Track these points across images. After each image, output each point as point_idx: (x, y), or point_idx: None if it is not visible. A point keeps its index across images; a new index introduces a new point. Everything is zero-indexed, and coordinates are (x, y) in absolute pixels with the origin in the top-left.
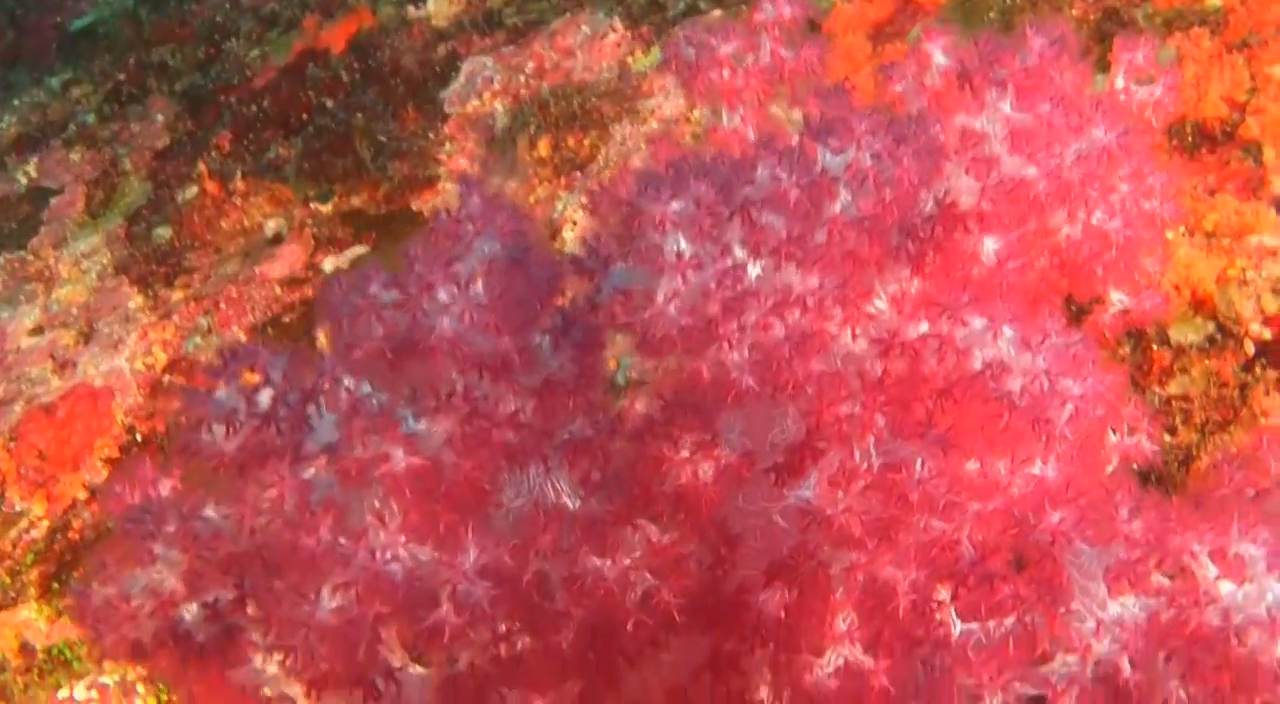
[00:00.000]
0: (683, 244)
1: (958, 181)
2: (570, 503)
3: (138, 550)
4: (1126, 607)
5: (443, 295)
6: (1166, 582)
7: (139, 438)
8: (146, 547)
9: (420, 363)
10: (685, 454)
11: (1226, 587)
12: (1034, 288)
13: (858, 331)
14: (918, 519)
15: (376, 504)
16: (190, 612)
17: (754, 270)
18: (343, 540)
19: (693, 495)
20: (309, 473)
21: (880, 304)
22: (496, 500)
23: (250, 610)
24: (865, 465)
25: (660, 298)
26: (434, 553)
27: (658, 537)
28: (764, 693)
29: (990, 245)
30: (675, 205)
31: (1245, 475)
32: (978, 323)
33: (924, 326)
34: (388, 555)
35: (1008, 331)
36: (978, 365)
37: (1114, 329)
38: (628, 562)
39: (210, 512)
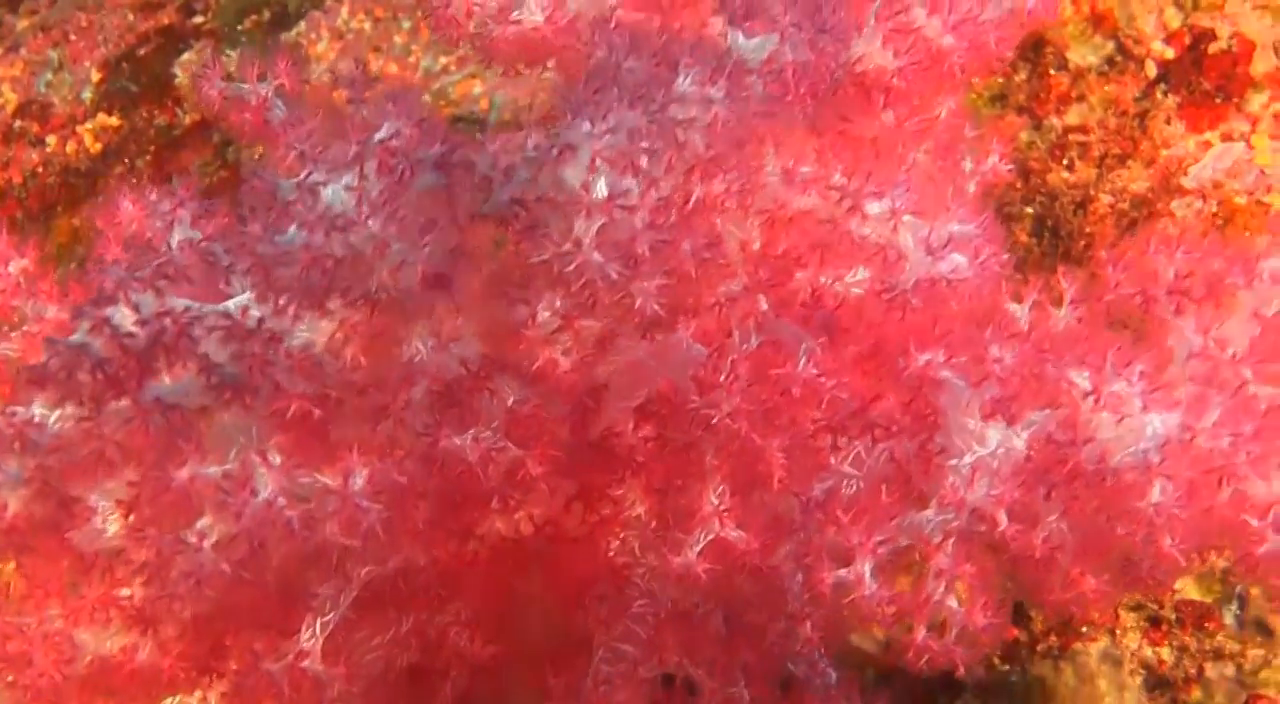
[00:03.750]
0: (616, 184)
1: (871, 47)
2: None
3: None
4: (1002, 446)
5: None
6: (1043, 418)
7: None
8: None
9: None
10: (543, 318)
11: (1105, 419)
12: None
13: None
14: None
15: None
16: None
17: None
18: (221, 479)
19: (551, 378)
20: (165, 388)
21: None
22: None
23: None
24: (745, 348)
25: (585, 241)
26: (320, 479)
27: (518, 400)
28: (639, 509)
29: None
30: (607, 140)
31: (1131, 277)
32: (876, 208)
33: (814, 200)
34: (280, 502)
35: (908, 220)
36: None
37: None
38: (488, 435)
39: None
